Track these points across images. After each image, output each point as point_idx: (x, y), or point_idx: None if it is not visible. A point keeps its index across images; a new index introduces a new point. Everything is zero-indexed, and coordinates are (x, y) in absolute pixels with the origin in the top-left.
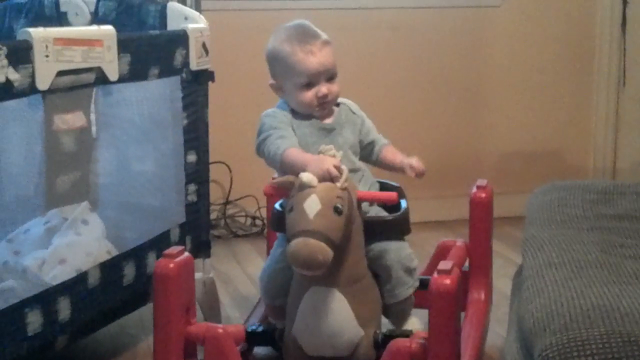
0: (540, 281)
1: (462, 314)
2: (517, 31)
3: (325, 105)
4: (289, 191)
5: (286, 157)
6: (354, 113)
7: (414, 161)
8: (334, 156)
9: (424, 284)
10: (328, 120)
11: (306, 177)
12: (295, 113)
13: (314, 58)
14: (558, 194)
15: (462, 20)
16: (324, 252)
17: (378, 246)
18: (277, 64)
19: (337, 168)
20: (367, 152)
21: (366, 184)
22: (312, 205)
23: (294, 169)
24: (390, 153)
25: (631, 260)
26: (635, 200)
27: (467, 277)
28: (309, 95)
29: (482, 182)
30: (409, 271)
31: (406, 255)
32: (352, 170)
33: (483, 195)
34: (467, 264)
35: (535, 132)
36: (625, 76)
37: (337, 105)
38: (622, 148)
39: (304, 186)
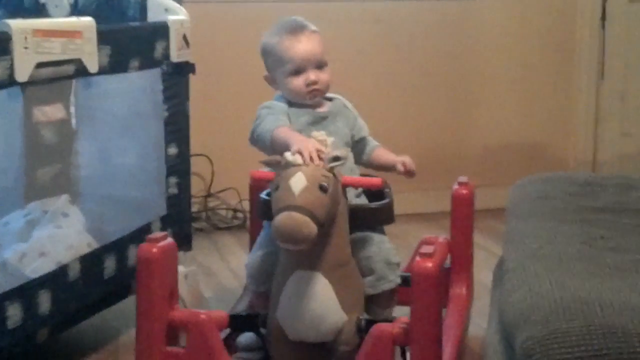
0: (521, 273)
1: (444, 310)
2: (497, 24)
3: (315, 92)
4: (275, 172)
5: (276, 134)
6: (346, 107)
7: (406, 158)
8: (324, 141)
9: (406, 281)
10: (322, 109)
11: (290, 155)
12: (291, 103)
13: (301, 45)
14: (539, 186)
15: (444, 13)
16: (309, 226)
17: (360, 235)
18: (268, 56)
19: (320, 152)
20: (358, 150)
21: (351, 175)
22: (297, 182)
23: (281, 147)
24: (383, 153)
25: (612, 253)
26: (616, 192)
27: (449, 274)
28: (298, 82)
29: (463, 178)
30: (390, 265)
31: (388, 249)
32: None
33: (464, 191)
34: (449, 261)
35: (518, 125)
36: (604, 70)
37: (330, 100)
38: (603, 141)
39: (289, 164)
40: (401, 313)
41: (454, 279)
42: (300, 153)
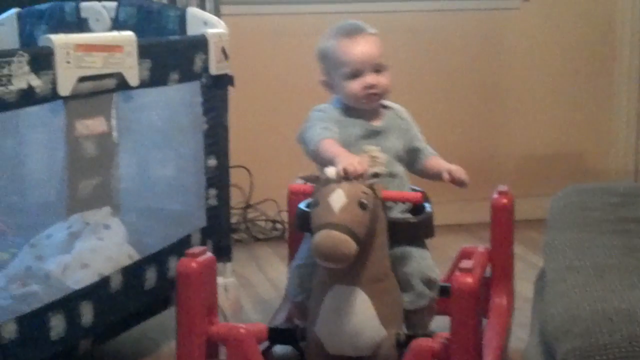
0: (562, 285)
1: (485, 321)
2: (536, 34)
3: (373, 97)
4: (314, 187)
5: (321, 146)
6: (402, 119)
7: (454, 167)
8: (376, 157)
9: (446, 291)
10: (376, 123)
11: (331, 171)
12: (345, 111)
13: (358, 47)
14: (579, 197)
15: (480, 23)
16: (348, 244)
17: (400, 250)
18: (325, 59)
19: (363, 169)
20: (411, 160)
21: (402, 189)
22: (337, 199)
23: (324, 160)
24: (434, 161)
25: None
26: None
27: (489, 283)
28: (356, 85)
29: (503, 187)
30: (428, 282)
31: (427, 265)
32: (391, 176)
33: (504, 200)
34: (489, 270)
35: (556, 135)
36: None
37: (386, 107)
38: None
39: (329, 181)
40: (440, 322)
41: (494, 289)
42: (346, 172)
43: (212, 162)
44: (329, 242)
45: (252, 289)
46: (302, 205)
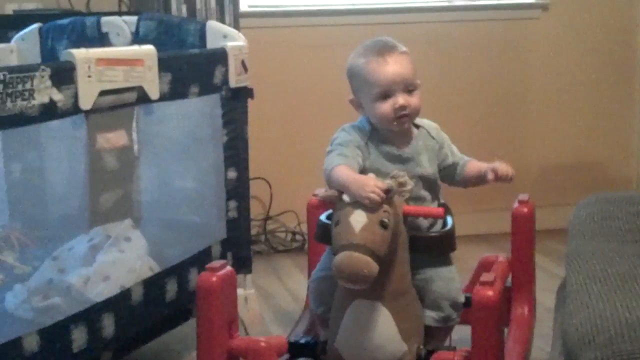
0: (585, 295)
1: (506, 330)
2: (556, 43)
3: (404, 118)
4: (334, 204)
5: (334, 173)
6: (432, 138)
7: (497, 164)
8: (404, 182)
9: (466, 301)
10: (405, 149)
11: (345, 198)
12: (372, 134)
13: (388, 67)
14: (601, 206)
15: (500, 33)
16: (370, 266)
17: (427, 273)
18: (354, 78)
19: (382, 191)
20: (449, 175)
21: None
22: (358, 218)
23: (338, 187)
24: (474, 166)
25: None
26: None
27: (510, 293)
28: (386, 107)
29: (523, 196)
30: (455, 305)
31: (455, 288)
32: (417, 200)
33: (525, 210)
34: (510, 279)
35: (577, 144)
36: None
37: (417, 127)
38: None
39: (351, 201)
40: (460, 332)
41: (515, 299)
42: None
43: (232, 174)
44: (350, 264)
45: (272, 300)
46: (322, 217)
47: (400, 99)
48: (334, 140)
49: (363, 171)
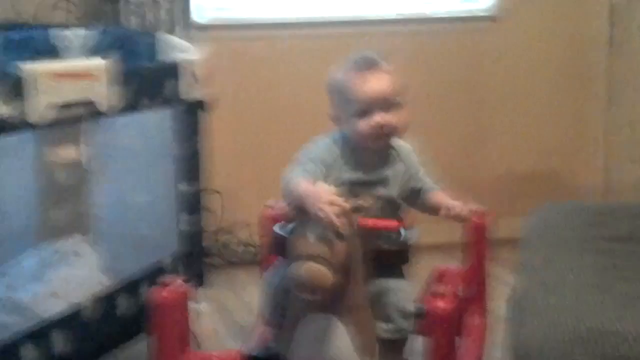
0: (536, 305)
1: (459, 340)
2: (510, 53)
3: (382, 137)
4: (290, 215)
5: (291, 187)
6: (402, 161)
7: (454, 203)
8: (362, 205)
9: (419, 313)
10: (374, 172)
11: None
12: (345, 152)
13: (369, 85)
14: (552, 216)
15: (454, 44)
16: (325, 276)
17: (379, 282)
18: (334, 93)
19: (335, 203)
20: (411, 199)
21: None
22: (313, 229)
23: (294, 199)
24: (435, 197)
25: (626, 282)
26: (630, 221)
27: (463, 303)
28: (364, 124)
29: (478, 207)
30: (407, 316)
31: (406, 298)
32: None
33: (478, 220)
34: (463, 289)
35: (534, 154)
36: (614, 97)
37: (391, 147)
38: (615, 167)
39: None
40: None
41: (468, 309)
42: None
43: (185, 187)
44: (307, 274)
45: (226, 313)
46: (276, 229)
47: (378, 117)
48: (305, 152)
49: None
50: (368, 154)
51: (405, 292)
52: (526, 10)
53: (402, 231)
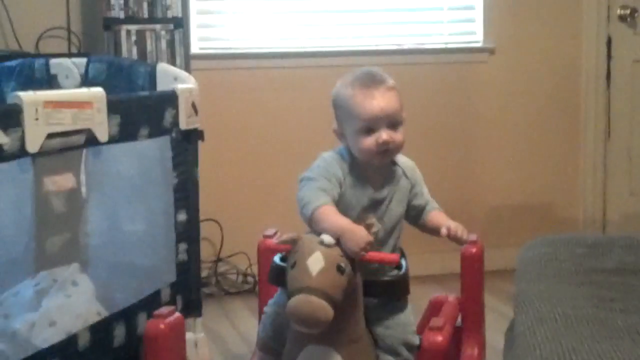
0: (532, 337)
1: None
2: (504, 86)
3: (386, 154)
4: (290, 247)
5: (319, 214)
6: (407, 177)
7: (454, 224)
8: (372, 225)
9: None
10: (380, 190)
11: (327, 239)
12: (352, 167)
13: (374, 102)
14: (548, 248)
15: (449, 75)
16: (325, 310)
17: (384, 321)
18: (339, 108)
19: (368, 247)
20: (413, 216)
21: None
22: (315, 262)
23: (324, 229)
24: (435, 216)
25: (622, 315)
26: (624, 253)
27: (459, 333)
28: (369, 141)
29: (472, 237)
30: (411, 348)
31: (411, 331)
32: (381, 245)
33: (474, 250)
34: (459, 319)
35: (526, 185)
36: (610, 129)
37: (394, 164)
38: (611, 200)
39: (308, 243)
40: None
41: (465, 339)
42: (350, 248)
43: (182, 216)
44: (306, 308)
45: (222, 343)
46: (276, 259)
47: (384, 135)
48: (314, 167)
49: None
50: (374, 170)
51: (411, 324)
52: (522, 43)
53: (403, 263)
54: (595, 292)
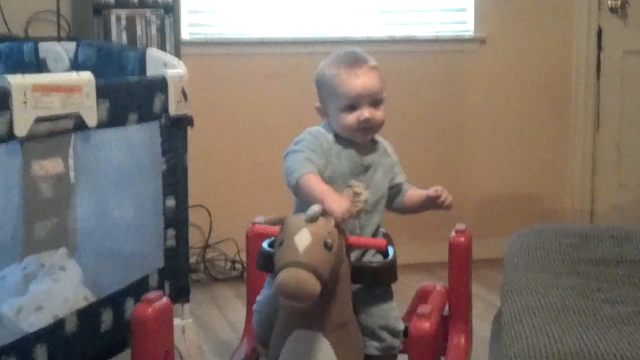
0: (519, 326)
1: (442, 359)
2: (494, 76)
3: (368, 131)
4: (277, 229)
5: (304, 181)
6: (387, 155)
7: (438, 187)
8: (359, 194)
9: (404, 331)
10: (366, 157)
11: (314, 209)
12: (338, 139)
13: (358, 80)
14: (535, 238)
15: (440, 65)
16: (312, 283)
17: (366, 298)
18: (322, 87)
19: (351, 214)
20: (391, 197)
21: (372, 230)
22: (302, 239)
23: (307, 196)
24: (415, 191)
25: (608, 305)
26: (612, 244)
27: (447, 322)
28: (351, 118)
29: (460, 226)
30: (396, 334)
31: (394, 316)
32: (370, 213)
33: (462, 239)
34: (447, 308)
35: (515, 176)
36: (599, 121)
37: (375, 142)
38: (599, 192)
39: (294, 222)
40: None
41: (452, 328)
42: (337, 220)
43: (171, 202)
44: (293, 281)
45: (210, 330)
46: (265, 245)
47: (366, 112)
48: (299, 141)
49: (323, 178)
50: (357, 144)
51: (393, 310)
52: (513, 33)
53: (389, 250)
54: (583, 282)
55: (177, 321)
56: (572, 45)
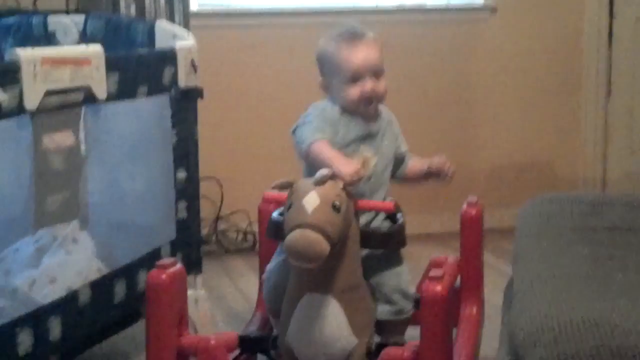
0: (530, 295)
1: (455, 330)
2: (505, 45)
3: (371, 102)
4: (288, 192)
5: (315, 148)
6: (392, 123)
7: (437, 157)
8: (369, 159)
9: (416, 302)
10: (373, 125)
11: (322, 172)
12: (343, 109)
13: (359, 53)
14: (547, 206)
15: (450, 34)
16: (321, 243)
17: (379, 262)
18: (325, 62)
19: (360, 177)
20: (395, 165)
21: (380, 197)
22: (310, 201)
23: (317, 162)
24: (419, 160)
25: (621, 273)
26: (624, 211)
27: (459, 293)
28: (354, 90)
29: (472, 198)
30: (407, 297)
31: (406, 280)
32: (379, 178)
33: (473, 212)
34: (459, 280)
35: (526, 145)
36: (611, 87)
37: (379, 113)
38: (611, 159)
39: (303, 186)
40: (410, 332)
41: (464, 299)
42: (346, 183)
43: (182, 174)
44: (302, 241)
45: (223, 301)
46: (275, 214)
47: (369, 84)
48: (308, 114)
49: (333, 147)
50: (363, 115)
51: (405, 274)
52: (523, 1)
53: (398, 214)
54: (595, 250)
55: (190, 292)
56: (583, 13)
